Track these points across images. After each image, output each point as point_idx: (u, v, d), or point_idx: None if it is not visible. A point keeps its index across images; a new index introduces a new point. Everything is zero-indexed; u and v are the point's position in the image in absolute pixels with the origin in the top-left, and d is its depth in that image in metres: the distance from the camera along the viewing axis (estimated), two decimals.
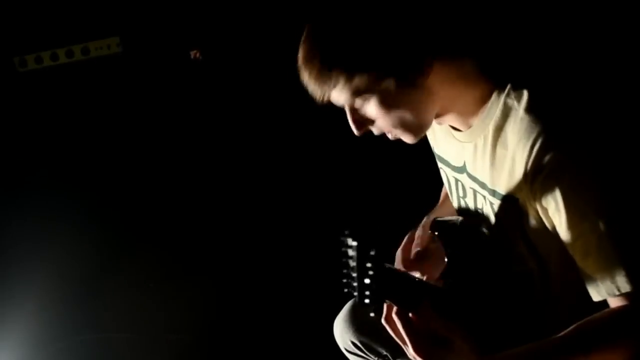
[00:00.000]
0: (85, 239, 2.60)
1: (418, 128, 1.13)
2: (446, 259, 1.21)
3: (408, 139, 1.15)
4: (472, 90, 1.13)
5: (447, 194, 1.49)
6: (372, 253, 0.95)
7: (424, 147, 1.43)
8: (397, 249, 1.35)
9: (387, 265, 1.02)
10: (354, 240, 0.96)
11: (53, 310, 2.43)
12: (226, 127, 2.70)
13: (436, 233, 1.25)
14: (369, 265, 0.95)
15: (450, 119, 1.18)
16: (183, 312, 2.44)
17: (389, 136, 1.16)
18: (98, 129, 2.63)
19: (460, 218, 1.31)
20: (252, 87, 2.65)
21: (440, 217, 1.39)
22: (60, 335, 2.39)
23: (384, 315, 1.03)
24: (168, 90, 2.63)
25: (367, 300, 0.98)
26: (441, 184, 1.44)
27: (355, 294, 0.99)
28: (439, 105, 1.13)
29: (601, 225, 1.01)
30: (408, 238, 1.36)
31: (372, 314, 1.00)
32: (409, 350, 1.00)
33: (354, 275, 0.98)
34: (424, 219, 1.40)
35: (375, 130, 1.16)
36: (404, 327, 1.00)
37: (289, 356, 2.22)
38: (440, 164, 1.36)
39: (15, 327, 2.35)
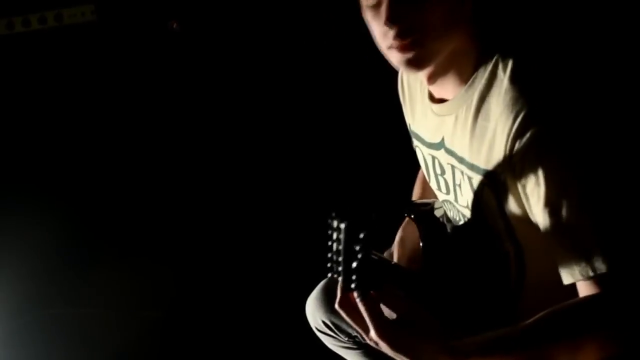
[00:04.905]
0: (58, 212, 2.56)
1: (440, 45, 1.09)
2: (421, 243, 1.19)
3: (421, 57, 1.09)
4: (470, 52, 1.12)
5: (422, 179, 1.47)
6: (362, 236, 0.91)
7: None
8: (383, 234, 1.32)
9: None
10: (342, 222, 0.93)
11: (22, 284, 2.39)
12: (205, 100, 2.68)
13: (412, 216, 1.23)
14: (357, 248, 0.92)
15: (444, 81, 1.15)
16: (154, 288, 2.42)
17: (402, 53, 1.08)
18: (70, 100, 2.59)
19: (436, 200, 1.29)
20: (231, 59, 2.63)
21: (416, 200, 1.37)
22: (29, 309, 2.36)
23: (337, 300, 0.99)
24: (144, 62, 2.60)
25: (353, 285, 0.94)
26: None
27: (341, 278, 0.96)
28: (455, 44, 1.10)
29: (581, 202, 0.99)
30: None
31: (358, 299, 0.96)
32: (371, 334, 0.96)
33: (340, 259, 0.94)
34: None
35: (403, 29, 1.07)
36: (366, 309, 0.96)
37: (260, 334, 2.21)
38: (415, 142, 1.34)
39: None
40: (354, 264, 0.93)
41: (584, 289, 1.00)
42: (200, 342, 2.24)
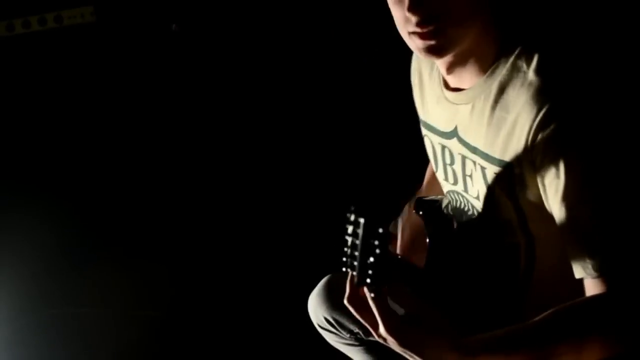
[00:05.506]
0: (59, 213, 2.57)
1: (461, 33, 1.09)
2: (427, 239, 1.19)
3: (442, 44, 1.08)
4: (491, 43, 1.12)
5: (432, 174, 1.48)
6: (380, 231, 0.91)
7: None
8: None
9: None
10: (361, 216, 0.93)
11: (23, 284, 2.39)
12: (205, 101, 2.68)
13: (420, 212, 1.23)
14: (375, 243, 0.92)
15: (462, 71, 1.15)
16: (154, 288, 2.42)
17: (423, 40, 1.09)
18: (71, 101, 2.60)
19: (443, 197, 1.29)
20: (231, 60, 2.64)
21: (424, 196, 1.37)
22: (30, 309, 2.36)
23: (346, 295, 1.00)
24: (143, 63, 2.60)
25: (368, 280, 0.94)
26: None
27: (355, 273, 0.96)
28: (476, 33, 1.10)
29: (600, 199, 0.99)
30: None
31: (372, 295, 0.96)
32: (380, 330, 0.97)
33: (357, 253, 0.95)
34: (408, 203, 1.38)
35: (425, 17, 1.07)
36: (377, 305, 0.96)
37: (261, 331, 2.21)
38: (425, 132, 1.33)
39: None
40: (371, 259, 0.93)
41: (592, 287, 1.00)
42: (201, 341, 2.24)
